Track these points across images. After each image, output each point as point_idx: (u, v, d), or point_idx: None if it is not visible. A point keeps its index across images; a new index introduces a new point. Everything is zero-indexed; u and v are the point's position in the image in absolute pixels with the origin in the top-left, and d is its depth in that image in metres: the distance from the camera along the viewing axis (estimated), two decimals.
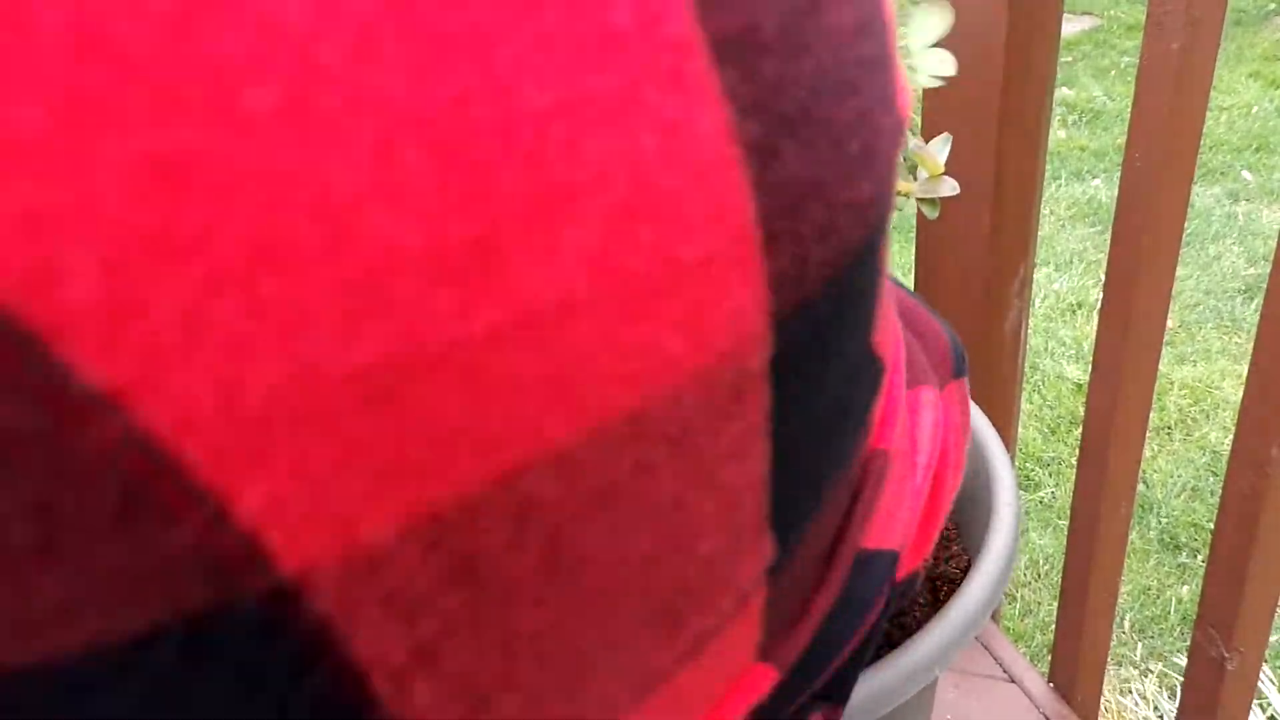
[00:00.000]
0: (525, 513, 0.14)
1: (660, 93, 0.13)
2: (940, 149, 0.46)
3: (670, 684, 0.18)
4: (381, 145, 0.12)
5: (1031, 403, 2.40)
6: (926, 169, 0.46)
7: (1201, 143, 0.76)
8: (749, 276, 0.15)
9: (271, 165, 0.11)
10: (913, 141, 0.45)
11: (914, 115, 0.79)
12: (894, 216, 0.19)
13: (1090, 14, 4.93)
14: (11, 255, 0.10)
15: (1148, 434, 0.91)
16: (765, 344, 0.15)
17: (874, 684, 0.47)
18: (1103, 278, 0.84)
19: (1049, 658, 1.08)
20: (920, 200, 0.46)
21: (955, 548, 0.61)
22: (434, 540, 0.13)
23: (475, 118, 0.12)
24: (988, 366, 1.00)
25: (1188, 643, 0.92)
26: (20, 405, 0.11)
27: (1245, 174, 3.47)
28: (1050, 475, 2.16)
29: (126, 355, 0.11)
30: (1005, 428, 1.03)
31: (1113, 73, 4.58)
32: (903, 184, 0.45)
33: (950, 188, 0.45)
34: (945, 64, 0.45)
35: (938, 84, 0.45)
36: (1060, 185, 3.61)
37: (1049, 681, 1.05)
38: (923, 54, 0.45)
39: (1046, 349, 2.62)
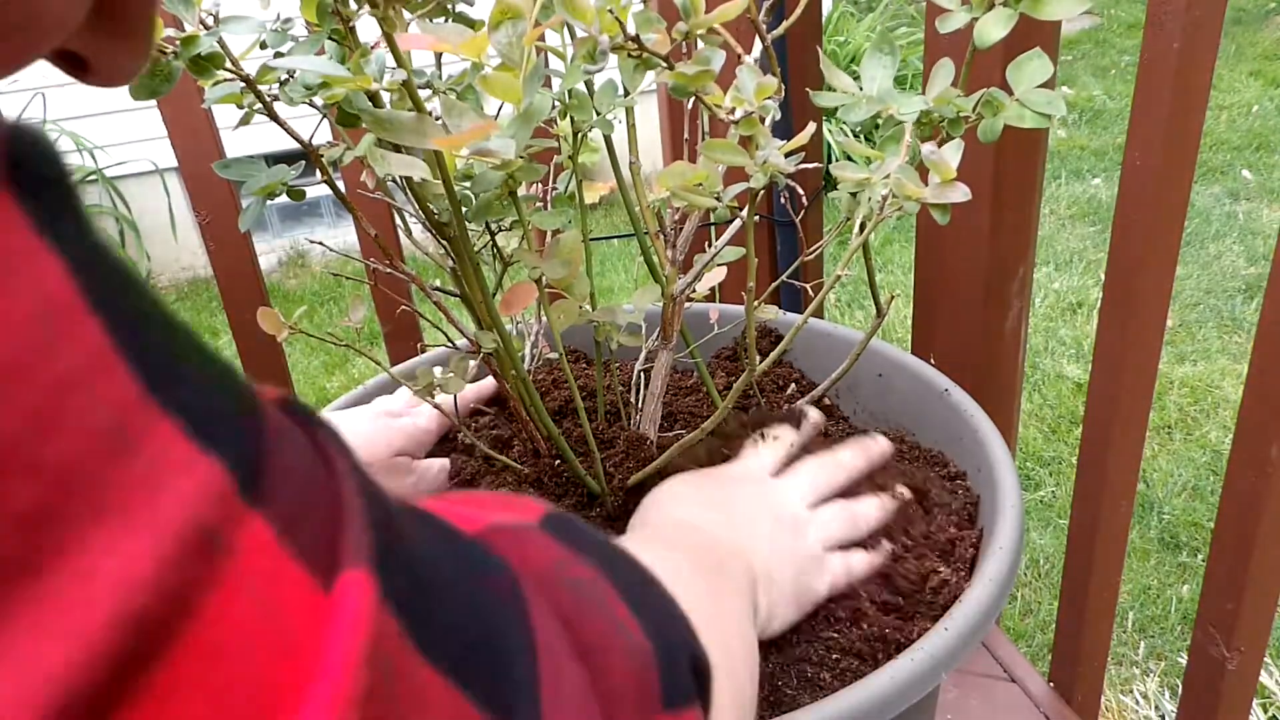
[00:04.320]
0: None
1: None
2: (953, 155, 0.46)
3: None
4: None
5: (1031, 402, 2.39)
6: (939, 174, 0.45)
7: (1201, 142, 0.76)
8: None
9: None
10: (925, 147, 0.45)
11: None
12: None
13: (1090, 13, 4.93)
14: None
15: (1148, 433, 0.91)
16: None
17: (882, 689, 0.47)
18: (1103, 277, 0.84)
19: (1049, 658, 1.08)
20: (931, 206, 0.46)
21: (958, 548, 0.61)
22: None
23: None
24: (988, 366, 1.00)
25: (1188, 642, 0.92)
26: None
27: (1245, 173, 3.46)
28: (1050, 475, 2.15)
29: None
30: (1005, 428, 1.03)
31: (1113, 72, 4.58)
32: (915, 189, 0.45)
33: (962, 194, 0.44)
34: (1055, 104, 0.45)
35: (1045, 124, 0.46)
36: (1060, 185, 3.60)
37: (1049, 681, 1.05)
38: (1030, 93, 0.45)
39: (1046, 349, 2.62)
